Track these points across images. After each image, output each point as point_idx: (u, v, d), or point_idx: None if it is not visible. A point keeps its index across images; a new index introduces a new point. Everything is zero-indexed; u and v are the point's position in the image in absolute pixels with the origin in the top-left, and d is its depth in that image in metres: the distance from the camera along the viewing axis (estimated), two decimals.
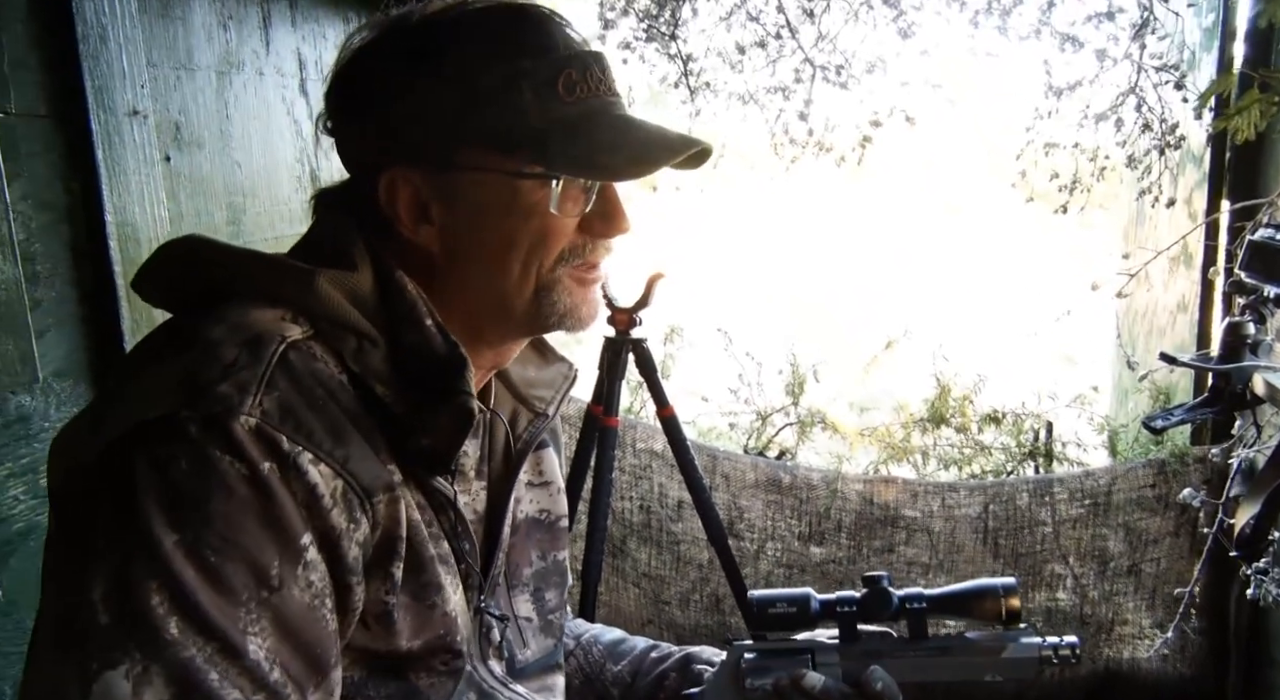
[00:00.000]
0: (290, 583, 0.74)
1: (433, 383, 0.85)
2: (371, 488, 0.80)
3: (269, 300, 0.83)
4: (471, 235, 0.89)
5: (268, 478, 0.73)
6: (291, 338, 0.80)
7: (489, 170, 0.86)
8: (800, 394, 3.34)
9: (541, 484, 1.12)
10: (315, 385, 0.79)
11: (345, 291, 0.84)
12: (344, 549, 0.78)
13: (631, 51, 3.19)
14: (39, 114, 1.61)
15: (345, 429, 0.79)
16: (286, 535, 0.74)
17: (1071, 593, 2.73)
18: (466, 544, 0.93)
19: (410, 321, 0.86)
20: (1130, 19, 2.71)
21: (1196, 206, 2.69)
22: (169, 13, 1.92)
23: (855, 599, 1.03)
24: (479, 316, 0.92)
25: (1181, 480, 2.59)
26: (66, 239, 1.67)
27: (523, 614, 1.06)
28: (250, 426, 0.73)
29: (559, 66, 0.86)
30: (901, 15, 3.03)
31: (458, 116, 0.85)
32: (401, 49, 0.88)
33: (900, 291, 7.57)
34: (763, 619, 1.03)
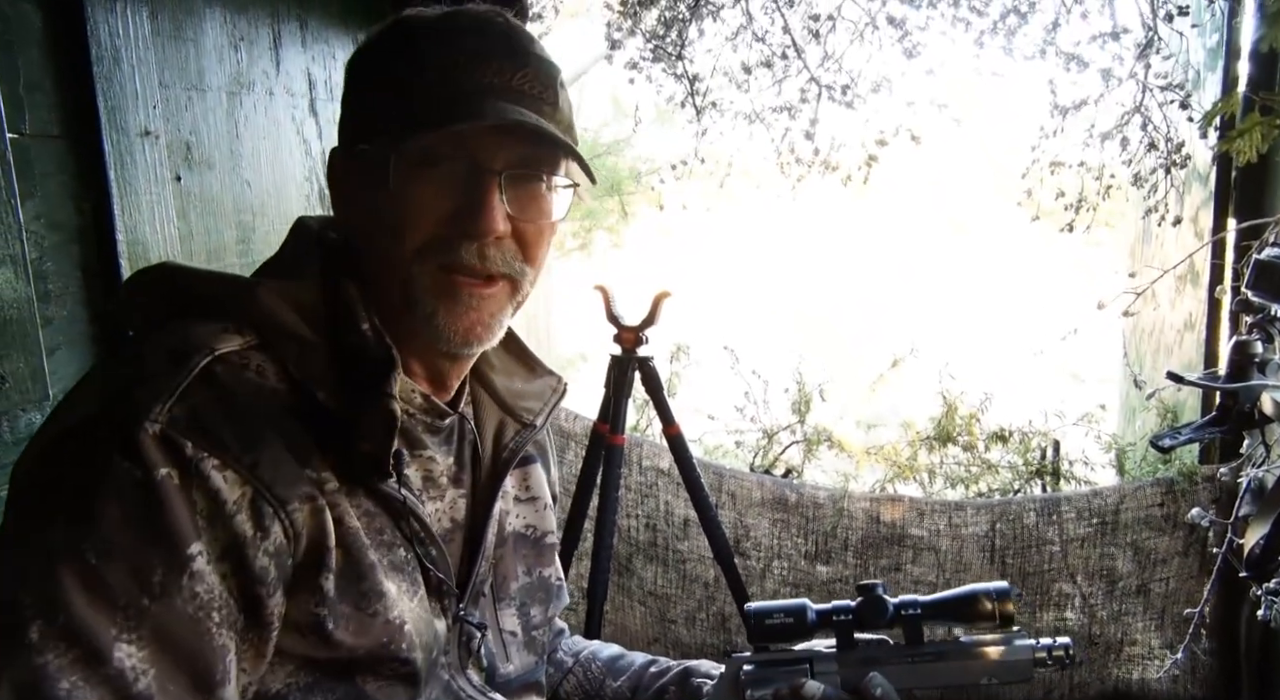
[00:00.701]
0: (173, 592, 0.73)
1: (367, 382, 0.85)
2: (285, 496, 0.79)
3: (216, 315, 0.85)
4: (362, 216, 0.92)
5: (161, 483, 0.73)
6: (223, 349, 0.81)
7: (369, 154, 0.88)
8: (806, 412, 3.34)
9: (529, 499, 1.12)
10: (239, 395, 0.80)
11: (288, 300, 0.86)
12: (249, 558, 0.77)
13: (639, 71, 3.22)
14: (53, 135, 1.62)
15: (263, 437, 0.79)
16: (173, 543, 0.73)
17: (1080, 612, 2.72)
18: (434, 550, 0.92)
19: (349, 325, 0.88)
20: (1135, 39, 2.72)
21: (1203, 225, 2.69)
22: (181, 34, 1.94)
23: (851, 608, 1.04)
24: (391, 314, 0.91)
25: (1190, 499, 2.58)
26: (78, 258, 1.68)
27: (508, 628, 1.06)
28: (155, 432, 0.74)
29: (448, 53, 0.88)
30: (906, 35, 3.05)
31: (358, 102, 0.94)
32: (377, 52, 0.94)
33: (906, 309, 7.57)
34: (761, 630, 1.04)
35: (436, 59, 0.88)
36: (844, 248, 8.96)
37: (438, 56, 0.88)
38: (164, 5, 1.88)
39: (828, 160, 3.33)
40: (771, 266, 8.77)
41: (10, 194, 1.50)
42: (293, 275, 0.89)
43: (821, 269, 8.87)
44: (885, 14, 3.07)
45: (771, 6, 3.10)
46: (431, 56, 0.88)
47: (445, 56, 0.88)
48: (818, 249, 8.90)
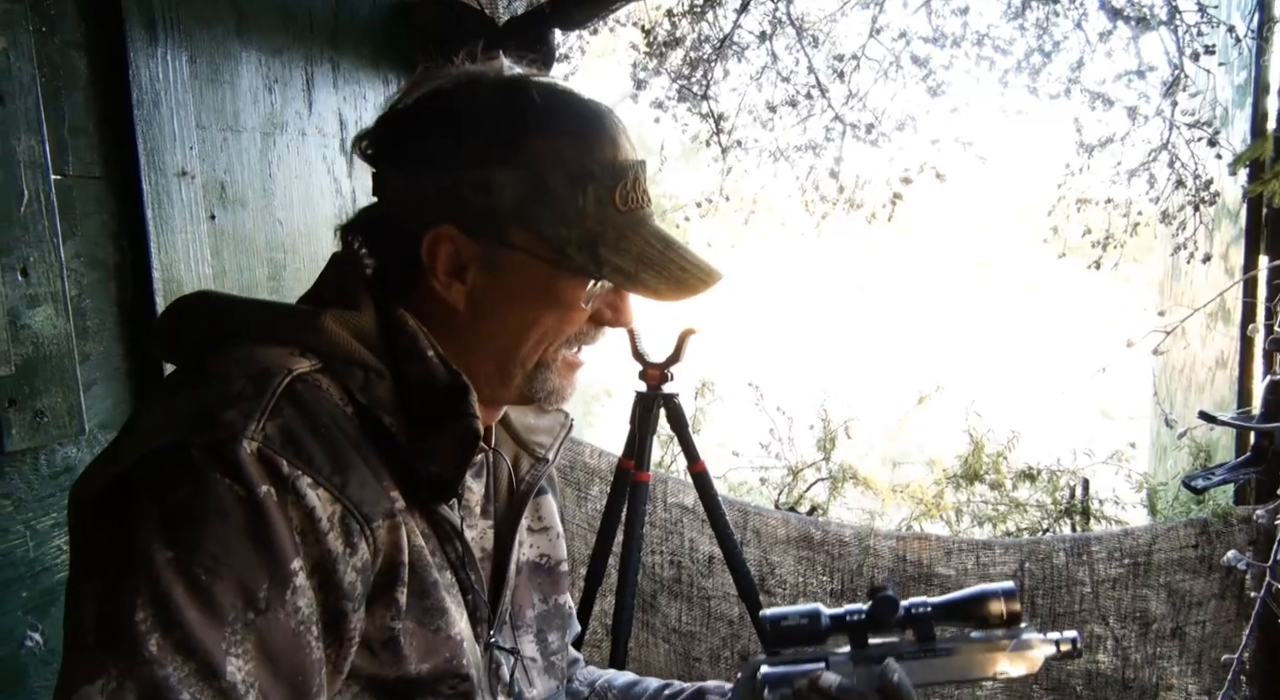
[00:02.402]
0: (277, 606, 0.75)
1: (437, 412, 0.88)
2: (371, 514, 0.81)
3: (278, 338, 0.86)
4: (500, 306, 0.93)
5: (263, 500, 0.75)
6: (299, 370, 0.83)
7: (534, 254, 0.90)
8: (832, 449, 3.32)
9: (541, 529, 1.15)
10: (320, 414, 0.82)
11: (350, 328, 0.88)
12: (340, 574, 0.79)
13: (664, 111, 3.26)
14: (94, 176, 1.67)
15: (347, 456, 0.82)
16: (277, 559, 0.75)
17: (1112, 655, 2.66)
18: (473, 574, 0.95)
19: (413, 354, 0.90)
20: (1161, 77, 2.72)
21: (1234, 262, 2.67)
22: (218, 77, 1.99)
23: (864, 610, 1.06)
24: (477, 375, 0.94)
25: (1225, 541, 2.54)
26: (114, 296, 1.72)
27: (528, 654, 1.08)
28: (252, 450, 0.76)
29: (618, 176, 0.91)
30: (931, 74, 3.08)
31: (521, 200, 0.89)
32: (481, 121, 0.92)
33: (932, 346, 7.53)
34: (775, 635, 1.06)
35: (602, 176, 0.91)
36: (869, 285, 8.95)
37: (603, 172, 0.91)
38: (202, 50, 1.93)
39: (852, 198, 3.34)
40: (796, 303, 8.76)
41: (53, 234, 1.53)
42: (349, 305, 0.90)
43: (846, 306, 8.85)
44: (909, 53, 3.10)
45: (796, 46, 3.14)
46: (595, 170, 0.91)
47: (609, 174, 0.91)
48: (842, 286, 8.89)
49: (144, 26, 1.76)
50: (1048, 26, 2.88)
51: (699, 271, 0.95)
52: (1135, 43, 2.77)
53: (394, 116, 0.95)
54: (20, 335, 1.51)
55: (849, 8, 3.18)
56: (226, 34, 2.00)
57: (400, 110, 0.95)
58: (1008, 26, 2.96)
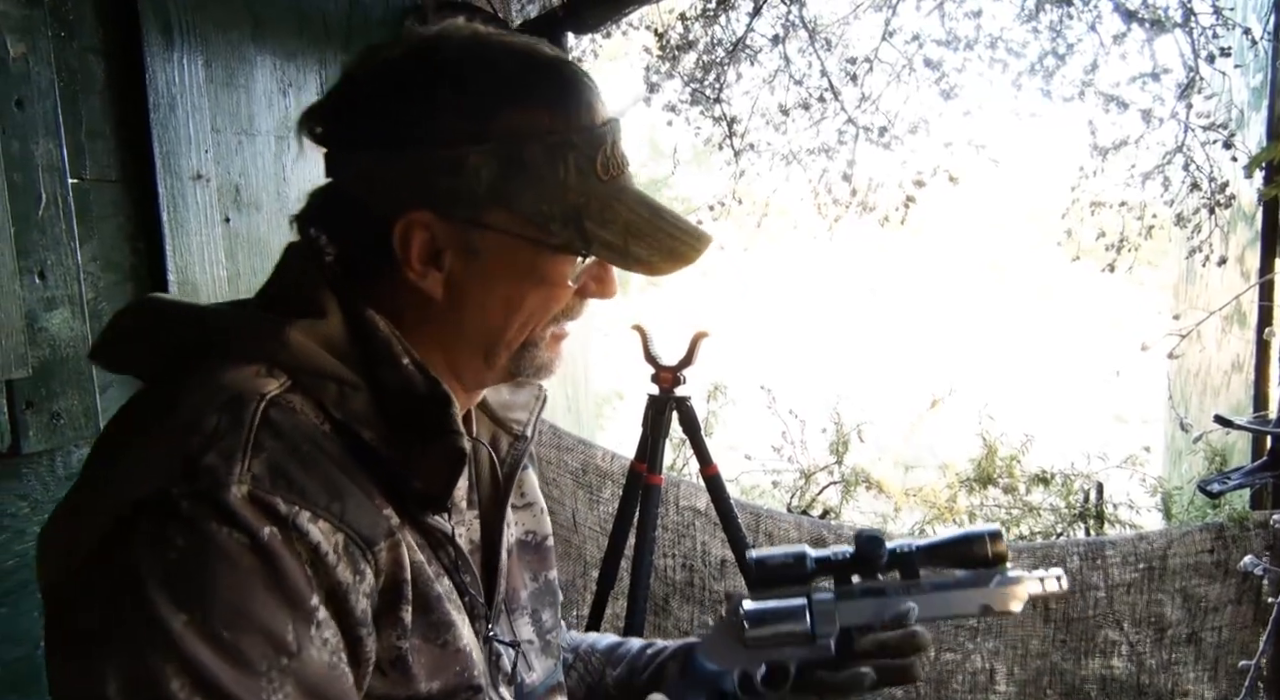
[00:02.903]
0: (307, 645, 0.73)
1: (418, 423, 0.84)
2: (372, 536, 0.79)
3: (242, 356, 0.81)
4: (482, 291, 0.88)
5: (269, 543, 0.72)
6: (270, 393, 0.78)
7: (515, 235, 0.85)
8: (844, 452, 3.32)
9: (525, 505, 1.12)
10: (300, 439, 0.78)
11: (318, 339, 0.82)
12: (352, 602, 0.77)
13: (676, 114, 3.26)
14: (110, 179, 1.68)
15: (338, 480, 0.78)
16: (297, 598, 0.73)
17: (1127, 661, 2.65)
18: (468, 576, 0.93)
19: (387, 362, 0.85)
20: (1176, 79, 2.71)
21: (1249, 265, 2.65)
22: (233, 81, 2.01)
23: (849, 551, 1.07)
24: (460, 361, 0.92)
25: (1242, 546, 2.52)
26: (131, 298, 1.73)
27: (525, 637, 1.06)
28: (243, 494, 0.72)
29: (598, 142, 0.86)
30: (944, 77, 3.07)
31: (499, 179, 0.83)
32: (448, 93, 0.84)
33: (945, 350, 7.51)
34: (761, 576, 1.06)
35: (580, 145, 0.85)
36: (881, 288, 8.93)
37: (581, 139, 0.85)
38: (218, 54, 1.94)
39: (865, 201, 3.34)
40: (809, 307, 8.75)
41: (70, 237, 1.55)
42: (313, 311, 0.84)
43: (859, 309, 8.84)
44: (922, 56, 3.10)
45: (808, 49, 3.13)
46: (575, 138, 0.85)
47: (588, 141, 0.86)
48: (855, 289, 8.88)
49: (160, 31, 1.77)
50: (1061, 29, 2.87)
51: (689, 237, 0.91)
52: (1150, 45, 2.76)
53: (347, 92, 0.88)
54: (37, 338, 1.53)
55: (861, 11, 3.18)
56: (242, 38, 2.02)
57: (354, 85, 0.87)
58: (1021, 29, 2.96)
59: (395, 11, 2.55)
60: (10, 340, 1.46)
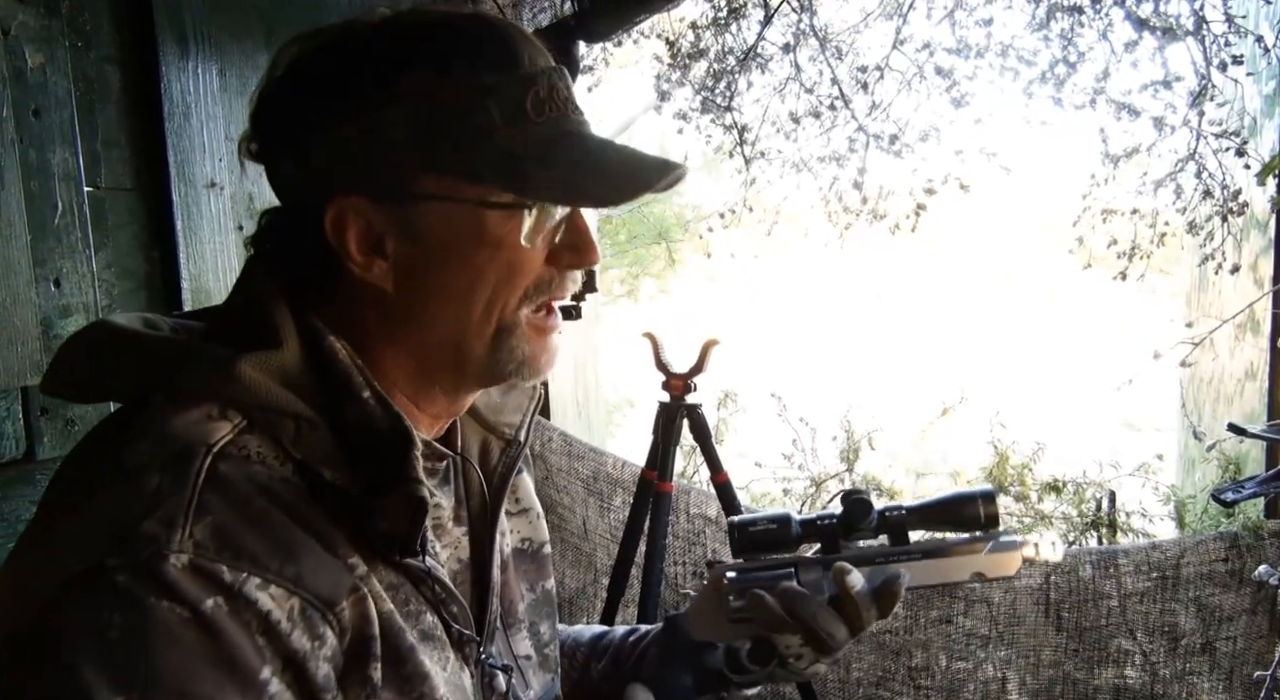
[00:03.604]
0: None
1: (380, 460, 0.77)
2: (333, 597, 0.73)
3: (193, 396, 0.75)
4: (431, 271, 0.80)
5: (213, 616, 0.66)
6: (219, 442, 0.73)
7: (452, 199, 0.78)
8: (855, 460, 3.31)
9: (520, 512, 1.06)
10: (253, 494, 0.72)
11: (273, 373, 0.76)
12: (311, 670, 0.71)
13: (687, 121, 3.27)
14: (126, 188, 1.70)
15: (292, 537, 0.72)
16: (245, 673, 0.67)
17: (1141, 670, 2.63)
18: (454, 607, 0.87)
19: (347, 394, 0.78)
20: (1188, 87, 2.70)
21: (1263, 273, 2.64)
22: (247, 90, 2.02)
23: (835, 515, 1.03)
24: (432, 363, 0.85)
25: (1256, 555, 2.50)
26: (144, 306, 1.75)
27: (522, 654, 1.00)
28: (182, 564, 0.66)
29: (526, 83, 0.78)
30: (954, 85, 3.07)
31: (416, 140, 0.76)
32: (350, 64, 0.79)
33: (956, 358, 7.49)
34: (744, 541, 1.02)
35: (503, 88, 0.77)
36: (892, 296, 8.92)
37: (504, 80, 0.78)
38: (232, 62, 1.96)
39: (875, 208, 3.34)
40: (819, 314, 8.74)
41: (86, 245, 1.57)
42: (268, 342, 0.77)
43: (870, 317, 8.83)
44: (933, 64, 3.10)
45: (819, 58, 3.14)
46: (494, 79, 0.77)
47: (513, 82, 0.78)
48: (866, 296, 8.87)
49: (176, 40, 1.79)
50: (1072, 37, 2.87)
51: (653, 165, 0.81)
52: (1161, 53, 2.75)
53: (264, 102, 0.83)
54: (53, 345, 1.54)
55: (872, 19, 3.18)
56: (256, 47, 2.03)
57: (268, 92, 0.83)
58: (1032, 37, 2.95)
59: None
60: (26, 347, 1.48)
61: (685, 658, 1.06)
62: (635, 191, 0.80)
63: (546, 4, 2.82)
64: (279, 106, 0.82)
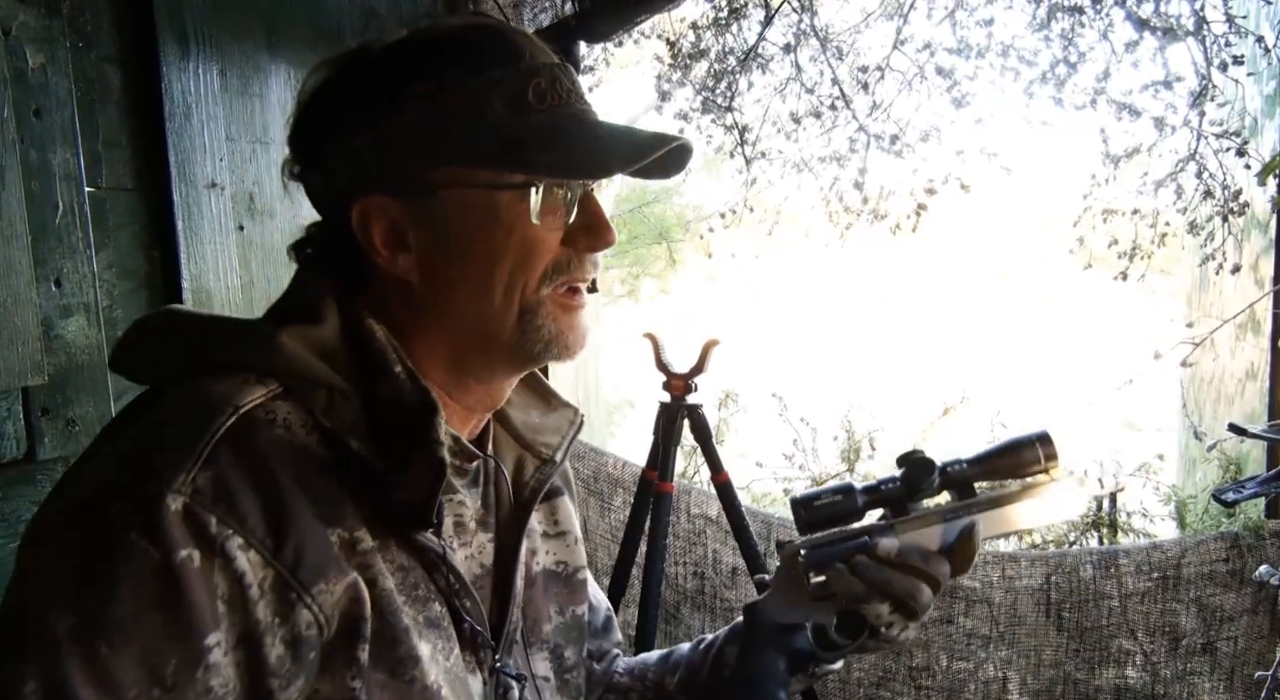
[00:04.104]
0: (186, 685, 0.68)
1: (407, 433, 0.80)
2: (309, 579, 0.73)
3: (234, 365, 0.79)
4: (452, 258, 0.84)
5: (181, 567, 0.68)
6: (248, 404, 0.76)
7: (464, 185, 0.82)
8: (856, 460, 3.31)
9: (557, 534, 1.07)
10: (266, 456, 0.74)
11: (310, 345, 0.80)
12: (265, 649, 0.72)
13: (688, 122, 3.27)
14: (126, 188, 1.70)
15: (289, 509, 0.74)
16: (189, 632, 0.68)
17: (1141, 670, 2.63)
18: (467, 602, 0.88)
19: (381, 370, 0.82)
20: (1188, 87, 2.70)
21: (1263, 273, 2.64)
22: (248, 90, 2.02)
23: (898, 478, 1.02)
24: (463, 348, 0.88)
25: (1257, 555, 2.50)
26: (145, 305, 1.75)
27: (540, 674, 1.00)
28: (178, 506, 0.69)
29: (527, 76, 0.83)
30: (955, 85, 3.07)
31: (427, 136, 0.82)
32: (364, 78, 0.85)
33: (957, 357, 7.49)
34: (810, 517, 1.01)
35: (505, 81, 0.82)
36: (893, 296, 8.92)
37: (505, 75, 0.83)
38: (233, 63, 1.96)
39: (876, 209, 3.34)
40: (820, 314, 8.74)
41: (87, 245, 1.57)
42: (311, 318, 0.83)
43: (870, 317, 8.83)
44: (934, 65, 3.10)
45: (820, 58, 3.14)
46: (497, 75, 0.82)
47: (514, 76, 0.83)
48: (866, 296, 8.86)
49: (176, 41, 1.79)
50: (1073, 37, 2.87)
51: (648, 137, 0.85)
52: (1162, 53, 2.75)
53: (295, 125, 0.90)
54: (53, 345, 1.54)
55: (873, 19, 3.18)
56: (256, 47, 2.03)
57: (296, 116, 0.90)
58: (1033, 38, 2.95)
59: (410, 21, 2.57)
60: (27, 347, 1.48)
61: (773, 642, 1.04)
62: (629, 161, 0.84)
63: (547, 4, 2.82)
64: (305, 126, 0.89)
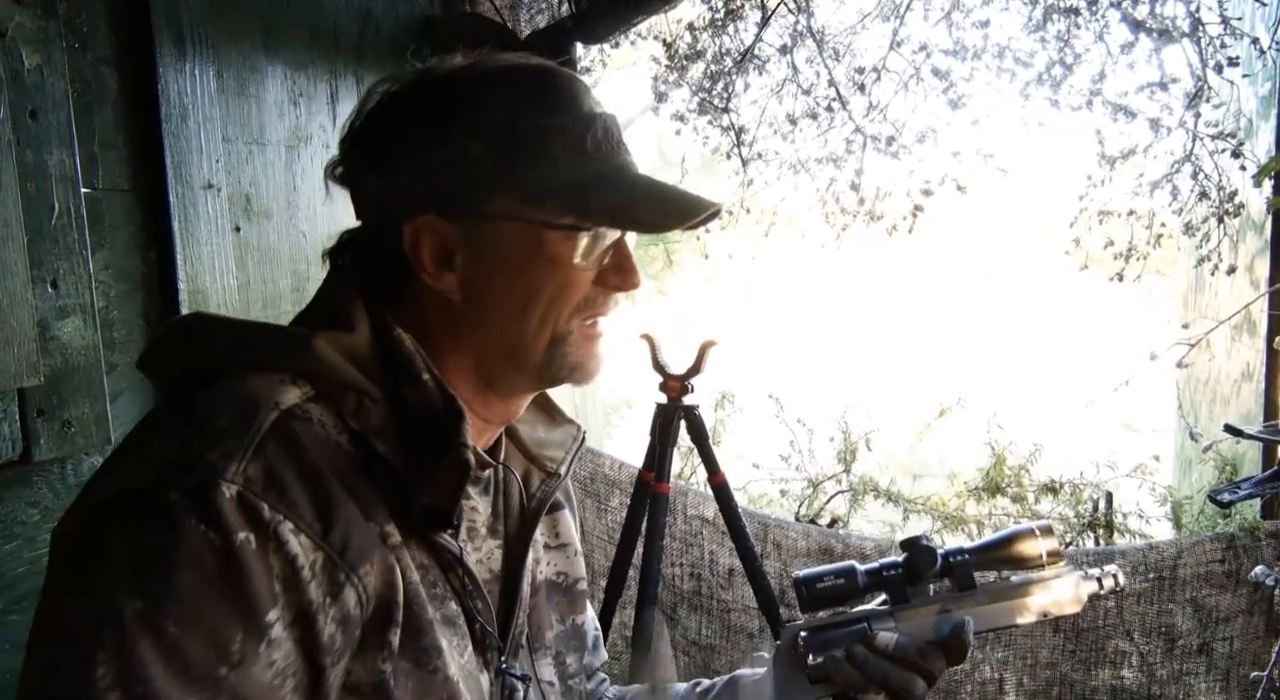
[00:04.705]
0: (251, 660, 0.71)
1: (432, 438, 0.84)
2: (356, 560, 0.78)
3: (269, 365, 0.83)
4: (495, 283, 0.89)
5: (240, 549, 0.71)
6: (288, 402, 0.80)
7: (518, 219, 0.87)
8: (852, 461, 3.31)
9: (559, 546, 1.11)
10: (307, 451, 0.78)
11: (342, 351, 0.84)
12: (319, 627, 0.75)
13: (684, 123, 3.27)
14: (123, 189, 1.69)
15: (333, 497, 0.78)
16: (252, 609, 0.72)
17: (1138, 671, 2.64)
18: (479, 603, 0.91)
19: (409, 378, 0.86)
20: (1184, 88, 2.71)
21: (1259, 274, 2.65)
22: (244, 91, 2.02)
23: (900, 563, 1.03)
24: (492, 366, 0.92)
25: (1253, 556, 2.51)
26: (141, 307, 1.74)
27: (545, 679, 1.04)
28: (232, 494, 0.72)
29: (587, 124, 0.89)
30: (951, 87, 3.08)
31: (490, 166, 0.87)
32: (433, 100, 0.90)
33: (953, 359, 7.49)
34: (812, 596, 1.03)
35: (568, 127, 0.88)
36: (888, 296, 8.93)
37: (569, 119, 0.88)
38: (230, 64, 1.96)
39: (873, 210, 3.34)
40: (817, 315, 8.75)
41: (83, 246, 1.56)
42: (343, 325, 0.86)
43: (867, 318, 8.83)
44: (930, 66, 3.10)
45: (816, 59, 3.14)
46: (562, 119, 0.88)
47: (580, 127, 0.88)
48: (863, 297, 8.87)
49: (173, 42, 1.79)
50: (1069, 39, 2.87)
51: (692, 199, 0.91)
52: (1158, 55, 2.75)
53: (355, 130, 0.94)
54: (49, 346, 1.54)
55: (869, 21, 3.18)
56: (253, 49, 2.03)
57: (360, 123, 0.93)
58: (1029, 39, 2.96)
59: (406, 24, 2.57)
60: (22, 348, 1.47)
61: None
62: (681, 220, 0.90)
63: (544, 5, 2.82)
64: (369, 136, 0.92)
